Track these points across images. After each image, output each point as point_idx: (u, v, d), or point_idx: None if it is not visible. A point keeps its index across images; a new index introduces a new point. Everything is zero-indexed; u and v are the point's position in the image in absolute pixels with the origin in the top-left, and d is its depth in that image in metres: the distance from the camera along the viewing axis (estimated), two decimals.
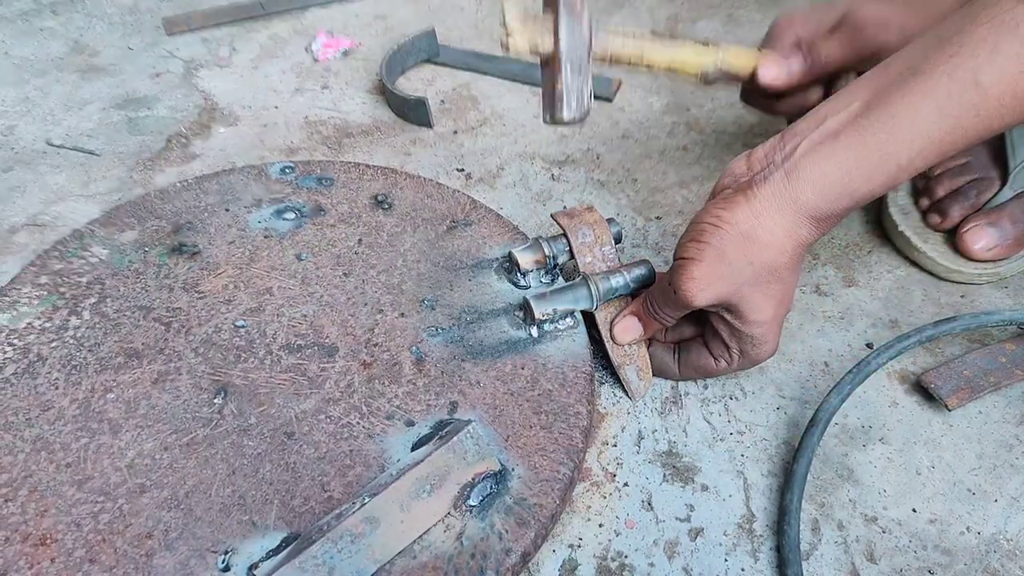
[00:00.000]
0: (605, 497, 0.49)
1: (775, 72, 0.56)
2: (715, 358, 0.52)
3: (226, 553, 0.42)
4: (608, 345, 0.54)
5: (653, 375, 0.55)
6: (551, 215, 0.57)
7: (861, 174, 0.43)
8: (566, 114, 0.49)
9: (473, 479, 0.44)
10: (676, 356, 0.54)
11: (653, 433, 0.53)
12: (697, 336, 0.54)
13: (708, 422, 0.54)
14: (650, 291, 0.52)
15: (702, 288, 0.46)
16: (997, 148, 0.62)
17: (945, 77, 0.40)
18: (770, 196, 0.44)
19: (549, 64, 0.49)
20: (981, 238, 0.60)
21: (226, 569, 0.41)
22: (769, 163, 0.45)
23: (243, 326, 0.54)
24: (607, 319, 0.54)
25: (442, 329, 0.54)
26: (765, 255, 0.45)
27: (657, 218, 0.69)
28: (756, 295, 0.46)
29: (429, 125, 0.78)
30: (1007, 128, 0.42)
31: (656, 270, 0.55)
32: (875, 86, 0.43)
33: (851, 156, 0.42)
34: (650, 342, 0.56)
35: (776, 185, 0.44)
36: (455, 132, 0.78)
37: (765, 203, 0.44)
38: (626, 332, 0.53)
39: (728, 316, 0.48)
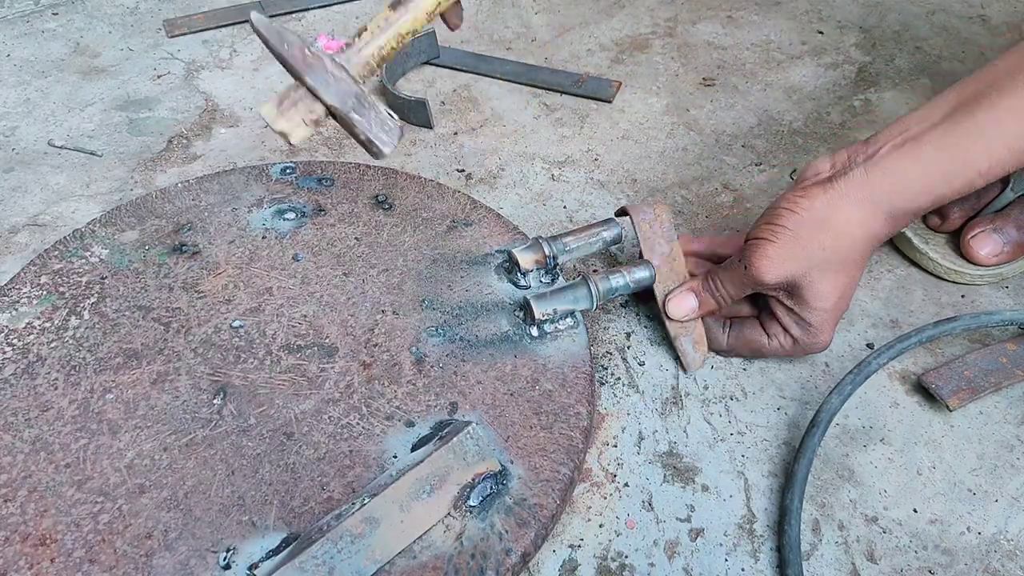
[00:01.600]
0: (605, 497, 0.49)
1: (678, 311, 0.55)
2: (769, 336, 0.53)
3: (227, 551, 0.42)
4: (663, 312, 0.55)
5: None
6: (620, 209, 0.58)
7: (942, 176, 0.46)
8: (385, 149, 0.48)
9: (473, 479, 0.44)
10: (727, 330, 0.56)
11: (654, 434, 0.53)
12: (752, 316, 0.56)
13: (708, 423, 0.53)
14: (714, 268, 0.54)
15: (774, 267, 0.48)
16: None
17: None
18: (849, 188, 0.47)
19: (338, 120, 0.46)
20: (986, 244, 0.60)
21: (227, 567, 0.41)
22: (851, 162, 0.49)
23: (243, 326, 0.54)
24: (664, 291, 0.55)
25: (442, 329, 0.54)
26: (838, 243, 0.48)
27: None
28: (823, 281, 0.49)
29: (429, 126, 0.78)
30: None
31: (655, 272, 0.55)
32: (957, 100, 0.47)
33: (933, 159, 0.46)
34: None
35: (856, 179, 0.47)
36: (455, 133, 0.78)
37: (843, 194, 0.47)
38: (679, 307, 0.54)
39: (790, 301, 0.51)
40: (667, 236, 0.56)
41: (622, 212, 0.58)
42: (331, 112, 0.46)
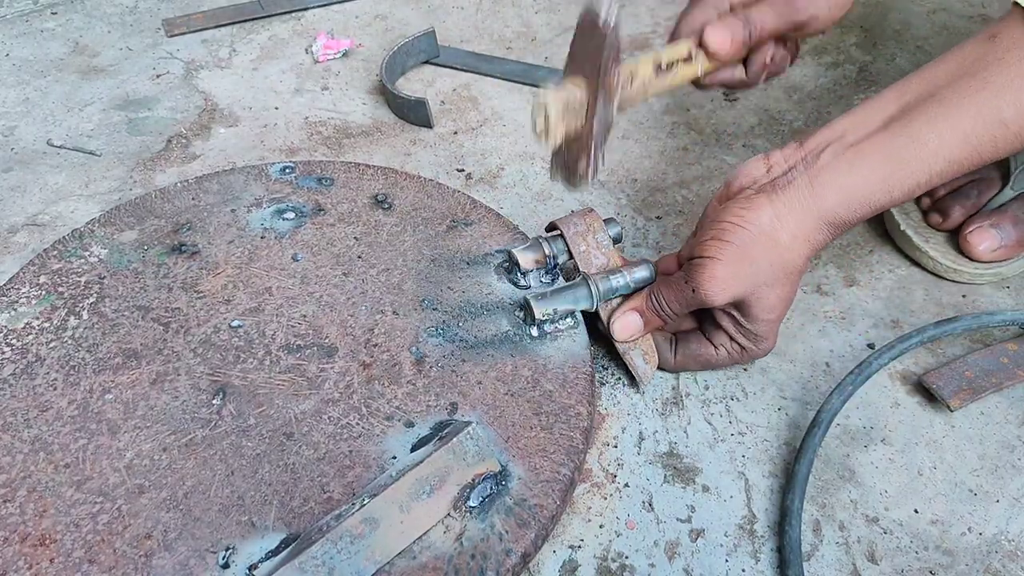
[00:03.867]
0: (606, 498, 0.49)
1: (720, 37, 0.53)
2: (715, 347, 0.52)
3: (226, 550, 0.42)
4: (609, 335, 0.54)
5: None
6: (549, 224, 0.57)
7: (883, 187, 0.45)
8: (591, 180, 0.50)
9: (473, 480, 0.44)
10: (673, 346, 0.55)
11: (654, 434, 0.53)
12: (695, 328, 0.54)
13: (709, 423, 0.53)
14: (656, 287, 0.52)
15: (723, 287, 0.47)
16: None
17: (973, 110, 0.44)
18: (794, 200, 0.46)
19: (576, 140, 0.49)
20: (985, 239, 0.60)
21: (226, 566, 0.41)
22: (791, 167, 0.48)
23: (242, 326, 0.53)
24: (609, 311, 0.54)
25: (442, 329, 0.54)
26: (785, 257, 0.47)
27: (657, 218, 0.69)
28: (771, 295, 0.48)
29: (429, 125, 0.78)
30: (1018, 152, 0.46)
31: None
32: (897, 104, 0.46)
33: (875, 169, 0.45)
34: None
35: (800, 190, 0.46)
36: (455, 132, 0.78)
37: (789, 207, 0.46)
38: (625, 329, 0.53)
39: (737, 314, 0.49)
40: (603, 247, 0.55)
41: (552, 227, 0.57)
42: (585, 131, 0.49)
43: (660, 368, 0.55)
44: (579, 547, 0.47)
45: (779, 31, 0.55)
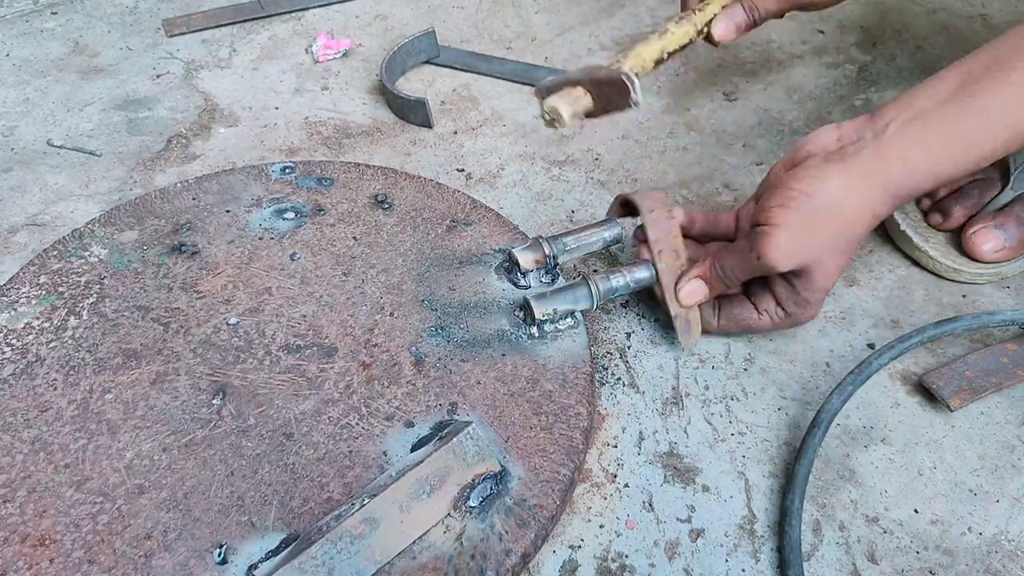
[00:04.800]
0: (606, 498, 0.49)
1: (723, 27, 0.59)
2: (759, 312, 0.53)
3: (221, 547, 0.42)
4: (668, 296, 0.54)
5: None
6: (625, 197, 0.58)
7: (949, 158, 0.46)
8: (637, 98, 0.53)
9: (473, 480, 0.44)
10: (717, 310, 0.55)
11: (654, 434, 0.53)
12: (739, 293, 0.55)
13: (709, 423, 0.53)
14: (720, 254, 0.52)
15: (787, 255, 0.47)
16: None
17: None
18: (862, 170, 0.46)
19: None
20: (988, 240, 0.60)
21: (223, 562, 0.41)
22: (860, 138, 0.48)
23: (242, 326, 0.53)
24: (672, 277, 0.54)
25: (442, 329, 0.54)
26: (849, 227, 0.47)
27: None
28: (831, 264, 0.48)
29: (429, 125, 0.78)
30: None
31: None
32: (963, 76, 0.47)
33: (941, 141, 0.46)
34: None
35: (868, 161, 0.46)
36: (455, 132, 0.78)
37: (856, 177, 0.46)
38: (691, 295, 0.53)
39: (796, 280, 0.50)
40: (670, 223, 0.55)
41: (625, 203, 0.57)
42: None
43: (704, 332, 0.56)
44: (579, 547, 0.47)
45: (782, 11, 0.56)
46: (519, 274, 0.56)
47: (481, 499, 0.44)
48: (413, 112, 0.78)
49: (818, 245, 0.47)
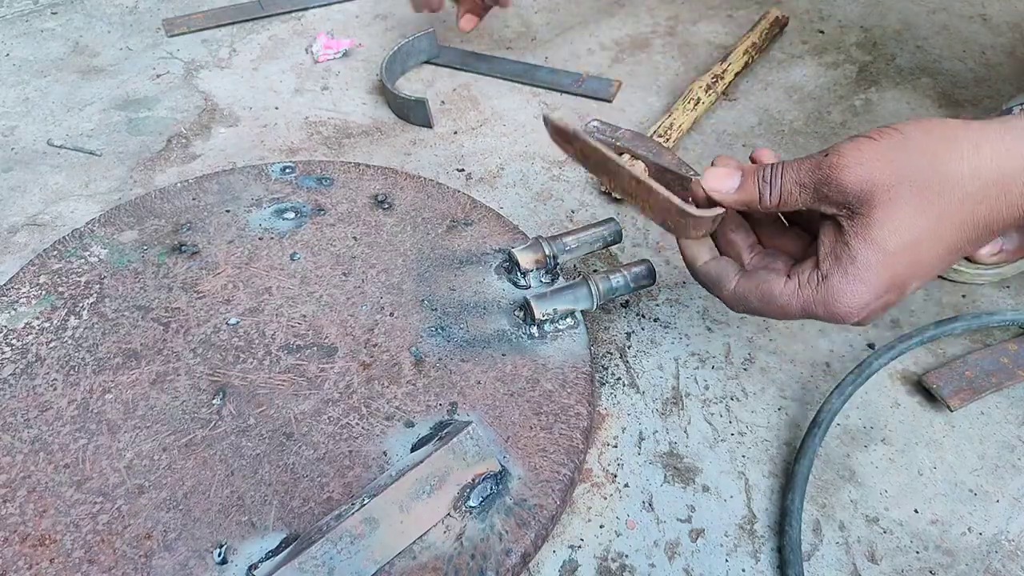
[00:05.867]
0: (606, 498, 0.49)
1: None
2: (788, 276, 0.40)
3: (221, 547, 0.42)
4: (657, 198, 0.42)
5: (705, 285, 0.46)
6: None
7: None
8: None
9: (473, 480, 0.44)
10: (738, 275, 0.44)
11: (654, 434, 0.53)
12: (774, 242, 0.45)
13: (709, 423, 0.53)
14: (785, 161, 0.41)
15: (862, 165, 0.36)
16: None
17: None
18: (1005, 134, 0.35)
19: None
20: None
21: (223, 562, 0.41)
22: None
23: (242, 326, 0.53)
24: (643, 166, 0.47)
25: (442, 329, 0.54)
26: (954, 167, 0.35)
27: None
28: (906, 209, 0.35)
29: (429, 125, 0.78)
30: None
31: (656, 269, 0.55)
32: None
33: None
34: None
35: (1018, 130, 0.34)
36: (455, 132, 0.78)
37: (995, 136, 0.35)
38: (719, 178, 0.42)
39: (848, 222, 0.37)
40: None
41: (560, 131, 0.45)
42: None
43: (715, 294, 0.46)
44: (579, 547, 0.47)
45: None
46: (519, 274, 0.56)
47: (481, 499, 0.44)
48: (413, 112, 0.78)
49: (900, 169, 0.35)
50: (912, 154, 0.35)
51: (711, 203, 0.43)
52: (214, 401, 0.49)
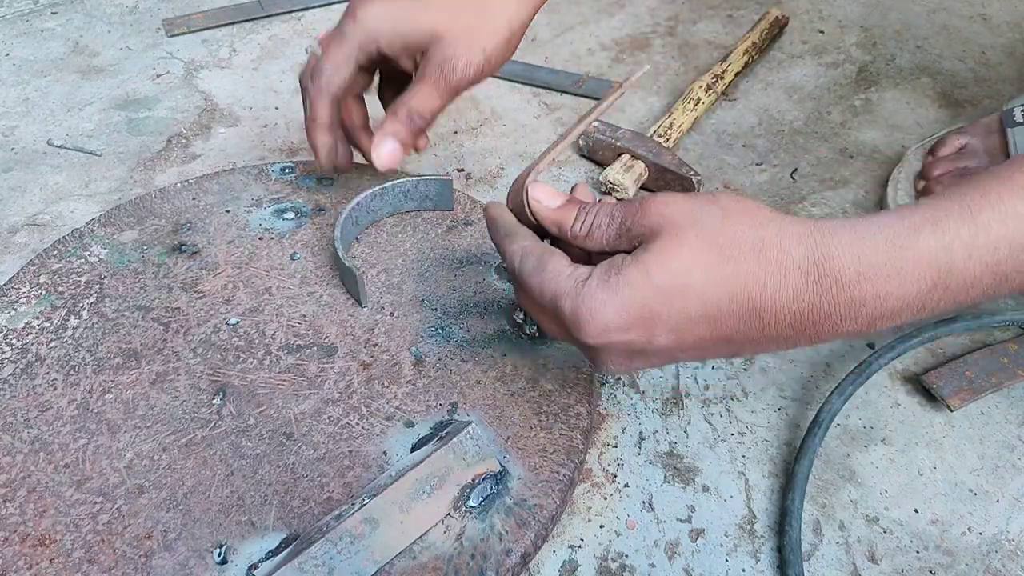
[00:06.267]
0: (606, 498, 0.49)
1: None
2: (573, 267, 0.39)
3: (221, 547, 0.42)
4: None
5: (506, 227, 0.44)
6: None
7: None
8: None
9: (473, 480, 0.44)
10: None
11: (654, 434, 0.53)
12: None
13: (709, 423, 0.53)
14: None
15: (666, 203, 0.37)
16: (1002, 148, 0.62)
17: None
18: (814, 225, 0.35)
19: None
20: None
21: (223, 562, 0.41)
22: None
23: (242, 326, 0.53)
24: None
25: (442, 329, 0.54)
26: (743, 229, 0.35)
27: None
28: (684, 250, 0.36)
29: None
30: None
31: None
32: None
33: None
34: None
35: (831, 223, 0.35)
36: (455, 132, 0.78)
37: (797, 225, 0.35)
38: (547, 193, 0.43)
39: (636, 250, 0.38)
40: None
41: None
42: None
43: (497, 245, 0.45)
44: (579, 547, 0.47)
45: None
46: None
47: (481, 499, 0.44)
48: None
49: (691, 235, 0.36)
50: (712, 210, 0.36)
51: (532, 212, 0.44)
52: (214, 401, 0.49)
